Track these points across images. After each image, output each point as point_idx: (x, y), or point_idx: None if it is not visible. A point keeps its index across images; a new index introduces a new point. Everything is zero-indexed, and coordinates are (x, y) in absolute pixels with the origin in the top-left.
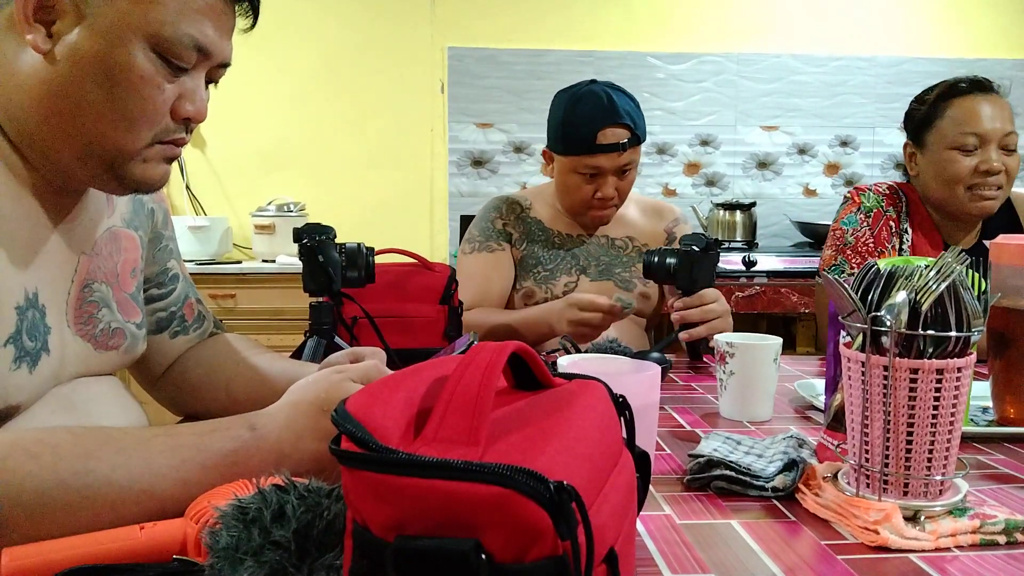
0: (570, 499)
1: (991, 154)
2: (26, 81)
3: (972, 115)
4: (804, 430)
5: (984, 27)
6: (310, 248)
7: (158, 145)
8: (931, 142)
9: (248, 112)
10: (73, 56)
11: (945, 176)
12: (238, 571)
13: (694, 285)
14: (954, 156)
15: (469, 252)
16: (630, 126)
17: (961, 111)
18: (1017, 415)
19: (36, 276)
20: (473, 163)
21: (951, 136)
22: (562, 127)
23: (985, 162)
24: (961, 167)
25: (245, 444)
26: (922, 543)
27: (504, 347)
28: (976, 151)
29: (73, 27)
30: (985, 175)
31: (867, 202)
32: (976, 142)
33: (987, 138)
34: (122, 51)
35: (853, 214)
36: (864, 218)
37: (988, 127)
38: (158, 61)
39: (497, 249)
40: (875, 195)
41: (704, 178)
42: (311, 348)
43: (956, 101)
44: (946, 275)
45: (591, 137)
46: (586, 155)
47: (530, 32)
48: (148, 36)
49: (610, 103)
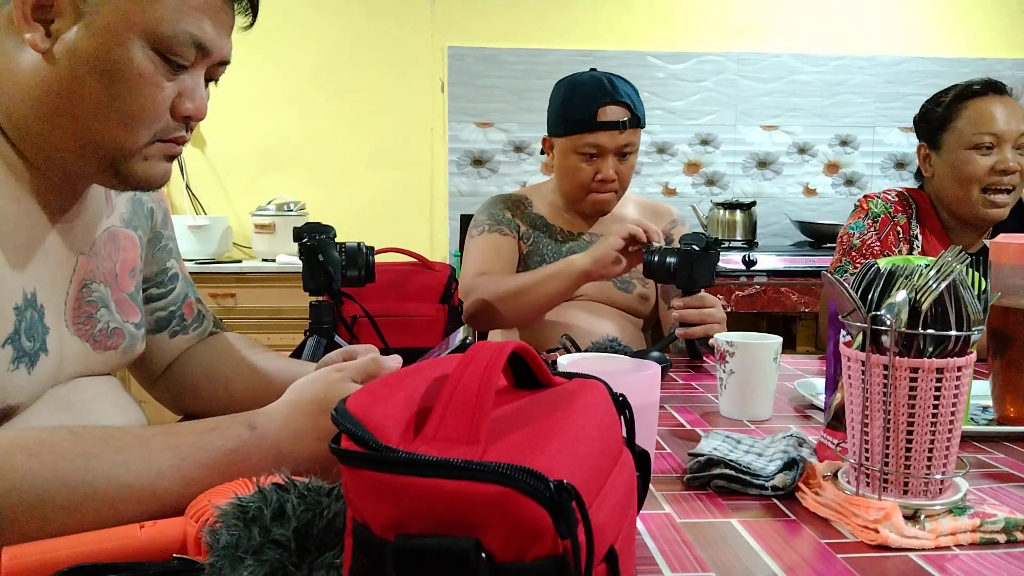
0: (570, 498)
1: (1007, 153)
2: (25, 80)
3: (988, 116)
4: (804, 429)
5: (984, 27)
6: (310, 247)
7: (159, 143)
8: (947, 143)
9: (248, 111)
10: (72, 55)
11: (962, 176)
12: (238, 570)
13: (694, 284)
14: (971, 156)
15: (478, 234)
16: (630, 106)
17: (977, 112)
18: (1017, 414)
19: (34, 276)
20: (473, 162)
21: (968, 136)
22: (562, 108)
23: (1001, 161)
24: (978, 166)
25: (245, 443)
26: (922, 542)
27: (504, 346)
28: (992, 151)
29: (71, 26)
30: (1001, 174)
31: (875, 208)
32: (992, 141)
33: (1003, 138)
34: (121, 49)
35: (861, 220)
36: (871, 223)
37: (1004, 127)
38: (157, 59)
39: (509, 234)
40: (883, 202)
41: (704, 177)
42: (311, 347)
43: (971, 103)
44: (946, 274)
45: (592, 115)
46: (587, 133)
47: (530, 32)
48: (147, 34)
49: (611, 84)
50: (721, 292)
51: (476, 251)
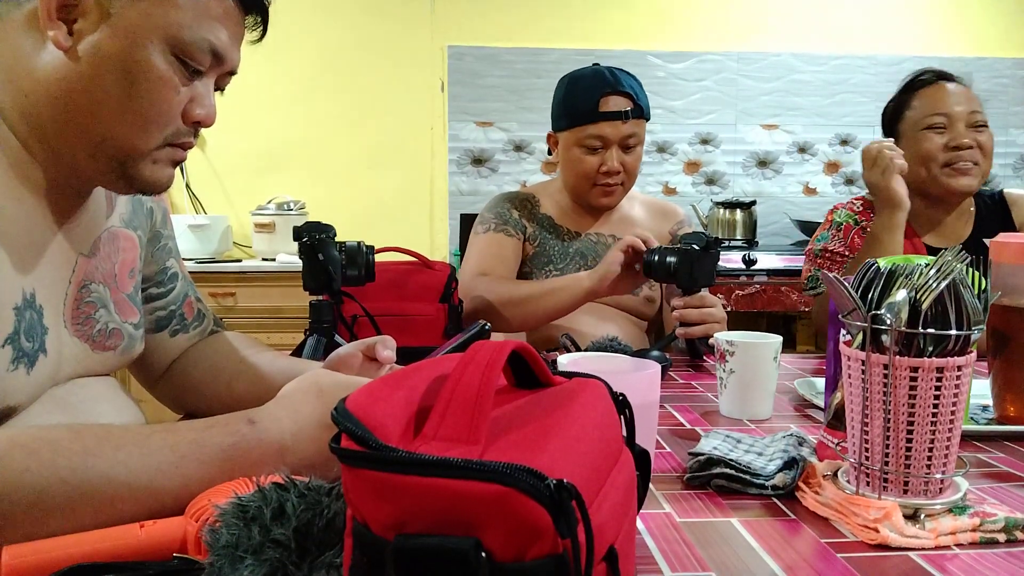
0: (570, 497)
1: (960, 129)
2: (44, 78)
3: (937, 99)
4: (804, 428)
5: (984, 26)
6: (310, 246)
7: (168, 147)
8: (904, 129)
9: (248, 111)
10: (94, 54)
11: (920, 155)
12: (238, 569)
13: (695, 284)
14: (925, 135)
15: (483, 232)
16: (632, 96)
17: (927, 97)
18: (1017, 413)
19: (34, 277)
20: (473, 162)
21: (921, 118)
22: (564, 100)
23: (954, 138)
24: (933, 144)
25: (244, 438)
26: (922, 541)
27: (504, 346)
28: (945, 131)
29: (96, 26)
30: (956, 150)
31: (838, 218)
32: (944, 121)
33: (954, 117)
34: (143, 51)
35: (826, 231)
36: (835, 232)
37: (954, 108)
38: (176, 63)
39: (513, 235)
40: (847, 211)
41: (704, 177)
42: (311, 346)
43: (921, 91)
44: (946, 273)
45: (593, 105)
46: (589, 124)
47: (530, 31)
48: (168, 38)
49: (612, 75)
50: (721, 291)
51: (479, 249)
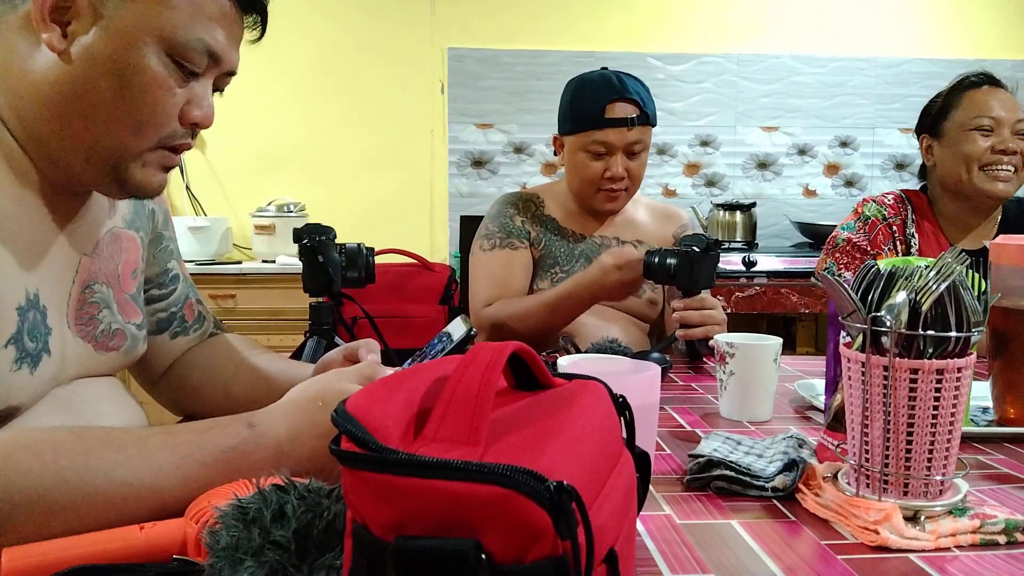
0: (570, 499)
1: (1005, 134)
2: (38, 80)
3: (986, 102)
4: (804, 430)
5: (984, 27)
6: (310, 248)
7: (160, 150)
8: (948, 128)
9: (248, 112)
10: (88, 56)
11: (963, 155)
12: (238, 571)
13: (694, 286)
14: (971, 136)
15: (489, 249)
16: (639, 103)
17: (976, 99)
18: (1017, 415)
19: (37, 277)
20: (473, 163)
21: (968, 120)
22: (571, 105)
23: (1001, 142)
24: (977, 146)
25: (244, 440)
26: (922, 543)
27: (504, 347)
28: (991, 134)
29: (89, 28)
30: (1000, 155)
31: (867, 211)
32: (991, 124)
33: (1001, 122)
34: (137, 53)
35: (852, 222)
36: (862, 225)
37: (1002, 113)
38: (171, 65)
39: (520, 247)
40: (877, 205)
41: (704, 178)
42: (311, 348)
43: (970, 92)
44: (946, 275)
45: (599, 111)
46: (595, 130)
47: (530, 33)
48: (162, 39)
49: (619, 82)
50: (721, 293)
51: (487, 270)
